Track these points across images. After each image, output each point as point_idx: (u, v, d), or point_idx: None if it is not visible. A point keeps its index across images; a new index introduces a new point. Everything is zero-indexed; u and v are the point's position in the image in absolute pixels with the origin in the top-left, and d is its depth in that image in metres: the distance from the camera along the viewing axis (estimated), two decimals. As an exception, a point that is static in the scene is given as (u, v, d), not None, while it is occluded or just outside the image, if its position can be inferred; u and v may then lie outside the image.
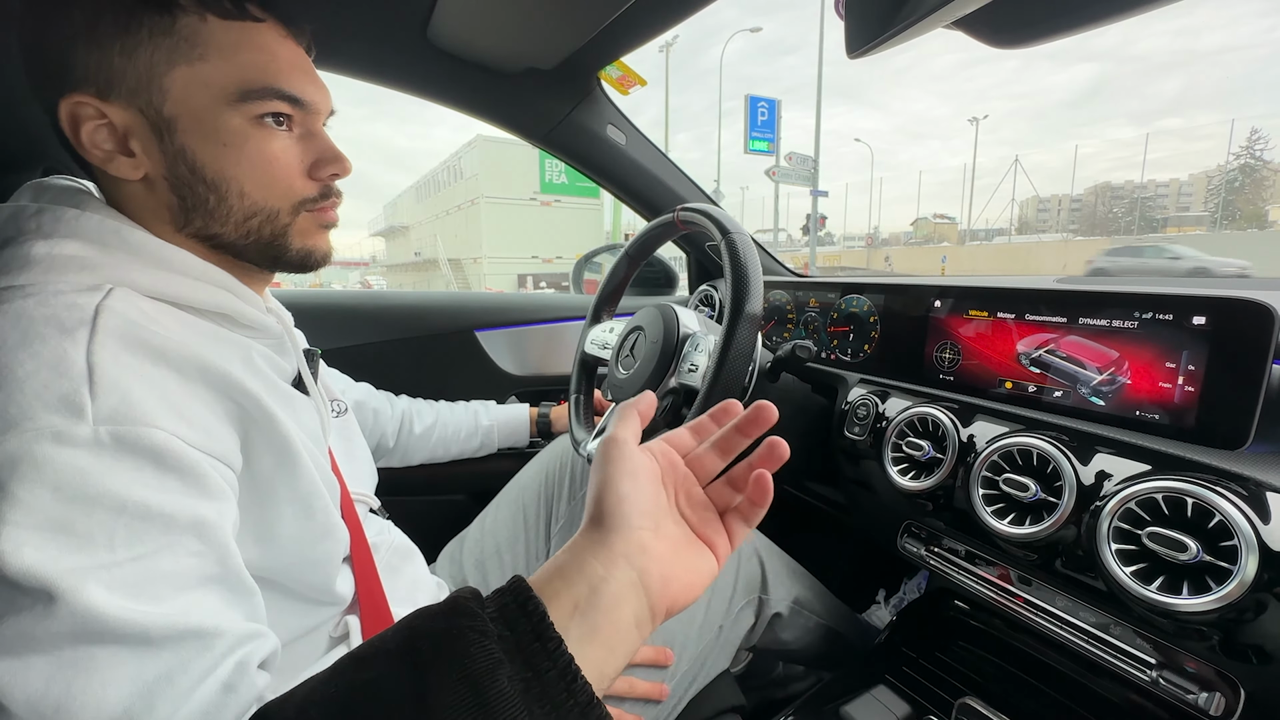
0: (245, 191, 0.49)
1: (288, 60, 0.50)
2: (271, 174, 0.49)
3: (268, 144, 0.49)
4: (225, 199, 0.48)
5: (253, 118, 0.48)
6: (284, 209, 0.51)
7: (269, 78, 0.48)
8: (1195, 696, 0.51)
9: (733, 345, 0.64)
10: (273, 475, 0.48)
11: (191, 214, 0.48)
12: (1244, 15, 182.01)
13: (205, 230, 0.49)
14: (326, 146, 0.53)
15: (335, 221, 0.56)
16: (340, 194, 0.55)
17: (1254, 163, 36.60)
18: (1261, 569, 0.44)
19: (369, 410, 0.94)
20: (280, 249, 0.52)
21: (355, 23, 0.80)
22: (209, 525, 0.40)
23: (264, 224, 0.50)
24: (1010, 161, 38.47)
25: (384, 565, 0.64)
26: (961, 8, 0.50)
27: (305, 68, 0.52)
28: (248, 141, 0.48)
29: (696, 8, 0.77)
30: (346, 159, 0.54)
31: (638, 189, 1.17)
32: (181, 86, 0.45)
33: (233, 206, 0.49)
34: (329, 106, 0.54)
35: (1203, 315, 0.55)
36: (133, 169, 0.47)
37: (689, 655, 0.72)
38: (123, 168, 0.46)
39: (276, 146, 0.49)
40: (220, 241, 0.50)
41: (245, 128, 0.47)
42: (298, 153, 0.51)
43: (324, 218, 0.54)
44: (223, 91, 0.46)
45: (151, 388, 0.40)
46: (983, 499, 0.63)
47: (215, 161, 0.47)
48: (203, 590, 0.38)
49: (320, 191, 0.53)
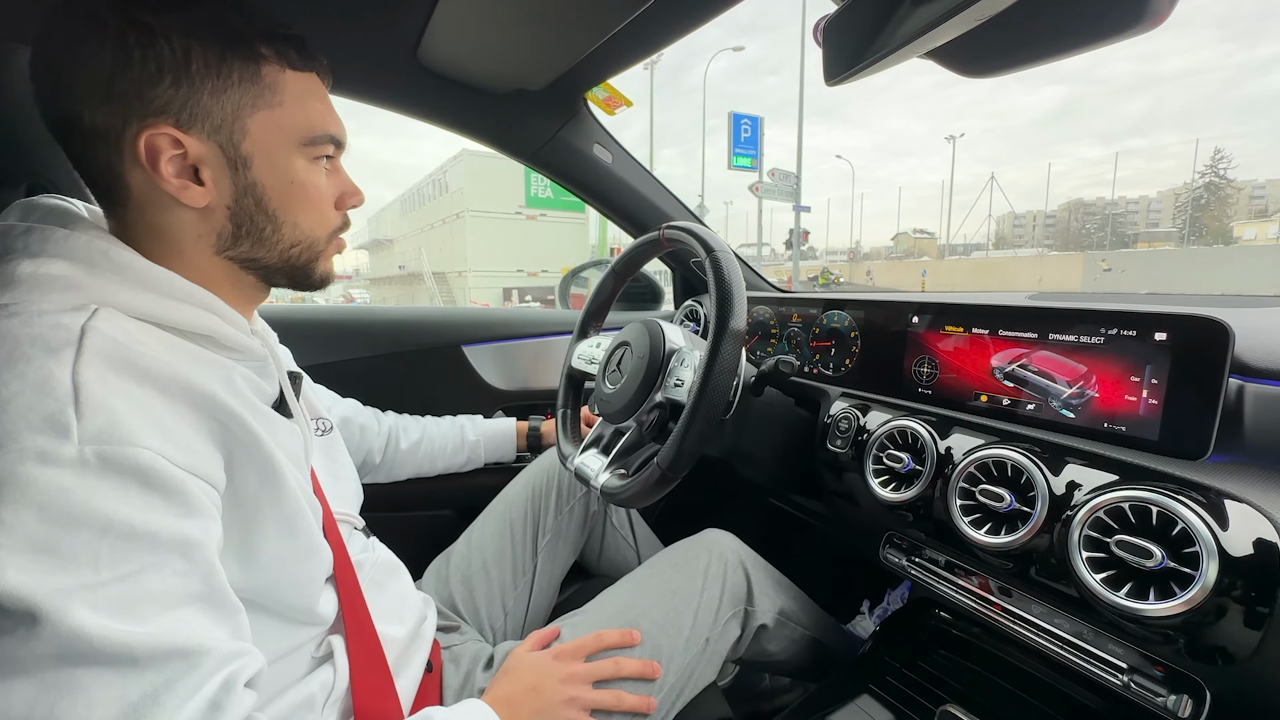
0: (298, 223, 0.53)
1: (331, 106, 0.56)
2: (320, 209, 0.55)
3: (319, 182, 0.54)
4: (280, 229, 0.53)
5: (312, 158, 0.53)
6: (321, 238, 0.56)
7: (328, 125, 0.54)
8: (1164, 699, 0.53)
9: (718, 360, 0.65)
10: (256, 495, 0.48)
11: (241, 240, 0.52)
12: (1203, 42, 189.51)
13: (249, 254, 0.53)
14: (348, 180, 0.58)
15: (344, 247, 0.61)
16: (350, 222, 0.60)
17: (1218, 181, 37.88)
18: (1222, 574, 0.46)
19: (355, 426, 0.94)
20: (309, 271, 0.57)
21: (347, 44, 0.82)
22: (194, 544, 0.40)
23: (303, 251, 0.55)
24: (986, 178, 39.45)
25: (369, 582, 0.64)
26: (933, 41, 0.52)
27: (336, 111, 0.57)
28: (308, 179, 0.53)
29: (682, 33, 0.80)
30: (362, 191, 0.59)
31: (624, 206, 1.19)
32: (261, 128, 0.49)
33: (284, 235, 0.53)
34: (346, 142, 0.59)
35: (1164, 331, 0.57)
36: (201, 197, 0.49)
37: (676, 668, 0.72)
38: (193, 196, 0.48)
39: (321, 183, 0.54)
40: (256, 264, 0.54)
41: (307, 167, 0.53)
42: (330, 188, 0.56)
43: (340, 244, 0.59)
44: (295, 135, 0.51)
45: (137, 407, 0.40)
46: (960, 509, 0.65)
47: (280, 196, 0.52)
48: (188, 609, 0.39)
49: (343, 221, 0.58)
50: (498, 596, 0.87)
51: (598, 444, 0.84)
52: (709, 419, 0.66)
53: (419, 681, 0.65)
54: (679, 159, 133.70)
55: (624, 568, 0.92)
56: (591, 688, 0.67)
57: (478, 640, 0.80)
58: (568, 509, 0.96)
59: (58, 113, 0.46)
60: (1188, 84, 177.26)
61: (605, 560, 1.05)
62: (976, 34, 0.52)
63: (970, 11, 0.46)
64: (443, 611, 0.82)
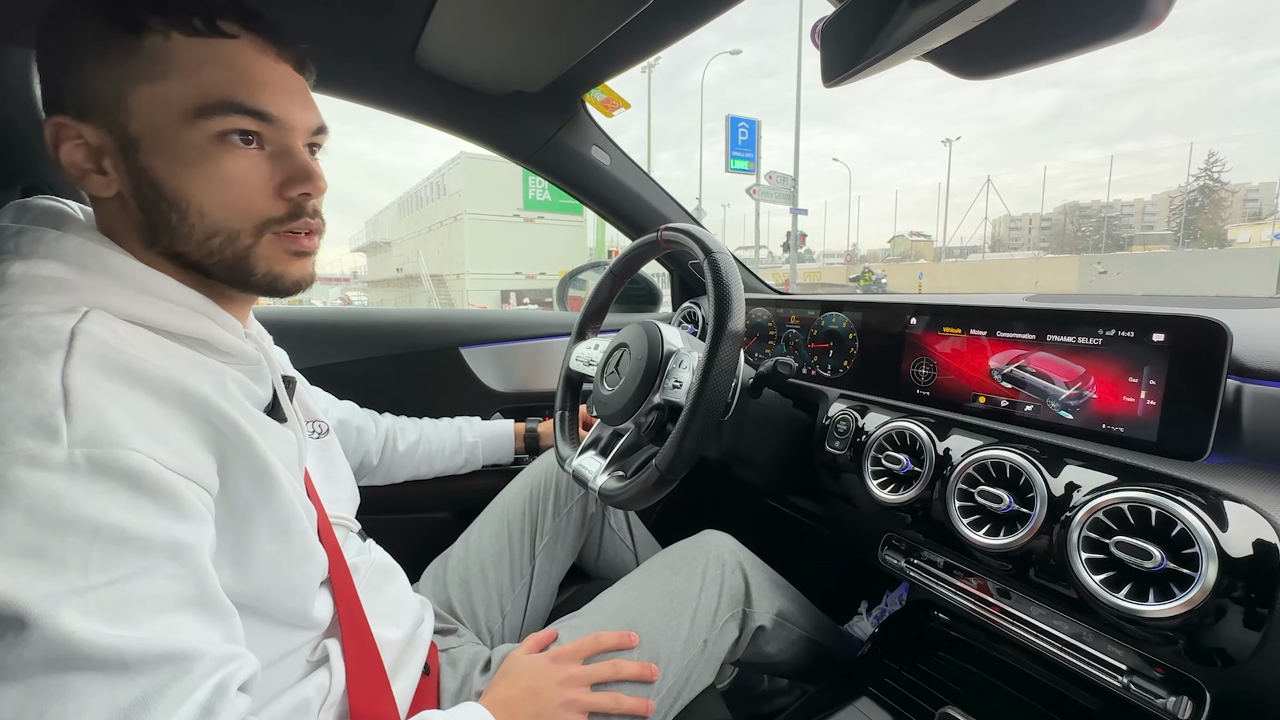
0: (204, 210, 0.47)
1: (256, 74, 0.48)
2: (232, 193, 0.48)
3: (229, 162, 0.47)
4: (186, 217, 0.47)
5: (213, 135, 0.46)
6: (245, 229, 0.49)
7: (229, 91, 0.46)
8: (1164, 701, 0.53)
9: (716, 362, 0.65)
10: (249, 499, 0.48)
11: (158, 232, 0.48)
12: (1196, 47, 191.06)
13: (171, 248, 0.49)
14: (299, 165, 0.50)
15: (308, 248, 0.53)
16: (316, 217, 0.53)
17: (1213, 184, 38.10)
18: (1221, 575, 0.46)
19: (352, 429, 0.94)
20: (245, 271, 0.50)
21: (344, 45, 0.82)
22: (186, 547, 0.39)
23: (225, 244, 0.49)
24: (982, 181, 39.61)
25: (365, 585, 0.64)
26: (930, 42, 0.52)
27: (279, 82, 0.50)
28: (206, 159, 0.47)
29: (678, 35, 0.80)
30: (320, 178, 0.51)
31: (622, 208, 1.19)
32: (144, 105, 0.45)
33: (193, 225, 0.48)
34: (311, 123, 0.52)
35: (1161, 332, 0.57)
36: (105, 187, 0.47)
37: (674, 670, 0.72)
38: (96, 185, 0.47)
39: (240, 165, 0.48)
40: (187, 260, 0.49)
41: (205, 145, 0.46)
42: (265, 171, 0.49)
43: (294, 244, 0.52)
44: (182, 108, 0.46)
45: (127, 410, 0.40)
46: (959, 511, 0.65)
47: (174, 179, 0.46)
48: (180, 613, 0.38)
49: (288, 211, 0.50)
50: (495, 599, 0.87)
51: (596, 446, 0.84)
52: (707, 421, 0.66)
53: (416, 684, 0.65)
54: (676, 162, 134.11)
55: (622, 570, 0.92)
56: (589, 690, 0.67)
57: (475, 643, 0.79)
58: (565, 511, 0.95)
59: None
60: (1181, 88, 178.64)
61: (603, 562, 1.04)
62: (974, 35, 0.52)
63: (968, 13, 0.46)
64: (440, 614, 0.82)
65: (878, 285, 18.51)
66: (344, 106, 0.97)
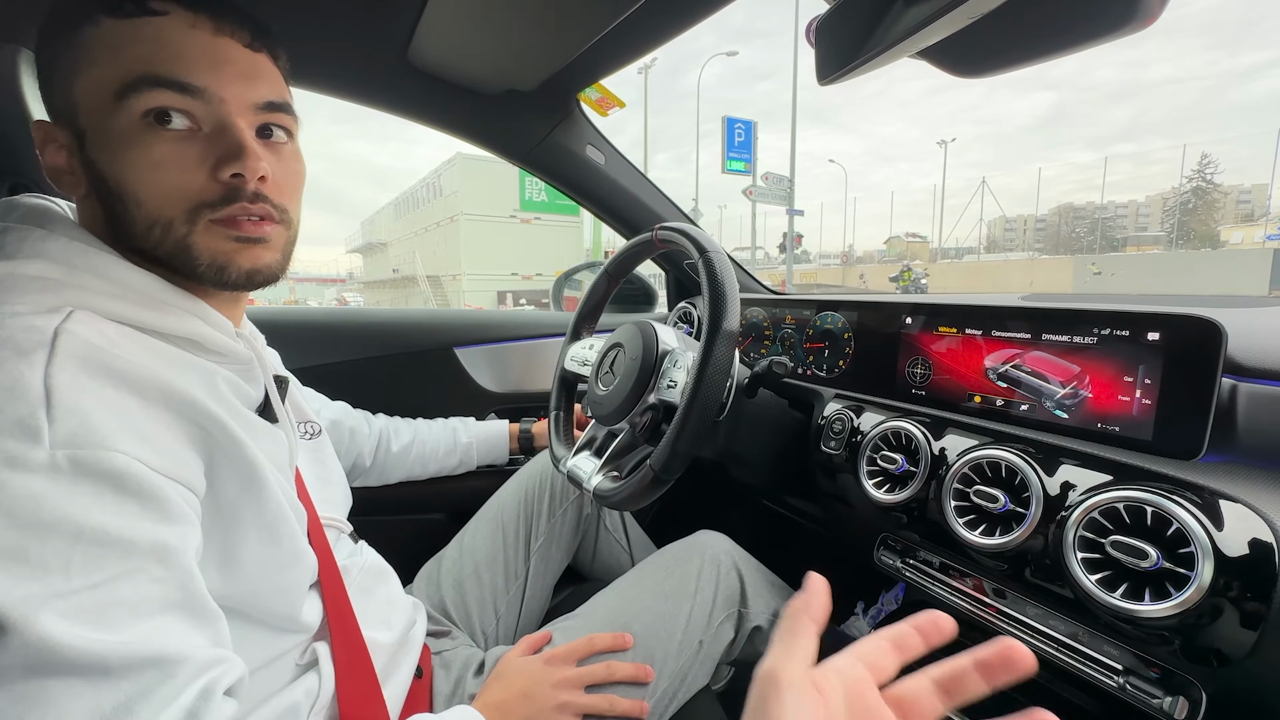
0: (140, 199, 0.45)
1: (181, 47, 0.45)
2: (161, 178, 0.45)
3: (155, 144, 0.44)
4: (129, 209, 0.45)
5: (138, 116, 0.44)
6: (178, 217, 0.46)
7: (149, 66, 0.43)
8: (1160, 701, 0.52)
9: (710, 362, 0.65)
10: (238, 501, 0.47)
11: (115, 226, 0.47)
12: (1189, 49, 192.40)
13: (129, 244, 0.47)
14: (231, 142, 0.46)
15: (253, 235, 0.48)
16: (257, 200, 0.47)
17: (1205, 185, 38.31)
18: (1217, 574, 0.46)
19: (345, 429, 0.93)
20: (188, 262, 0.47)
21: (336, 42, 0.81)
22: (171, 550, 0.39)
23: (164, 235, 0.46)
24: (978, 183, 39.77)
25: (356, 587, 0.63)
26: (924, 40, 0.52)
27: (210, 54, 0.46)
28: (134, 143, 0.44)
29: (672, 34, 0.79)
30: (253, 154, 0.46)
31: (617, 208, 1.19)
32: (81, 95, 0.45)
33: (134, 216, 0.45)
34: (252, 97, 0.48)
35: (1156, 331, 0.57)
36: (74, 186, 0.47)
37: (669, 671, 0.72)
38: (70, 186, 0.47)
39: (167, 146, 0.45)
40: (148, 256, 0.47)
41: (131, 128, 0.44)
42: (196, 152, 0.45)
43: (234, 229, 0.47)
44: (108, 91, 0.43)
45: (112, 411, 0.39)
46: (955, 510, 0.64)
47: (111, 169, 0.45)
48: (165, 616, 0.38)
49: (222, 195, 0.46)
50: (490, 601, 0.86)
51: (590, 446, 0.83)
52: (702, 421, 0.65)
53: (408, 688, 0.64)
54: (673, 163, 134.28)
55: (617, 571, 0.92)
56: (584, 692, 0.66)
57: (469, 645, 0.79)
58: (560, 512, 0.95)
59: None
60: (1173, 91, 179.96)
61: (599, 563, 1.04)
62: (968, 33, 0.52)
63: (961, 11, 0.46)
64: (434, 616, 0.81)
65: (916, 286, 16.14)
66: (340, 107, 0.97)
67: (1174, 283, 17.56)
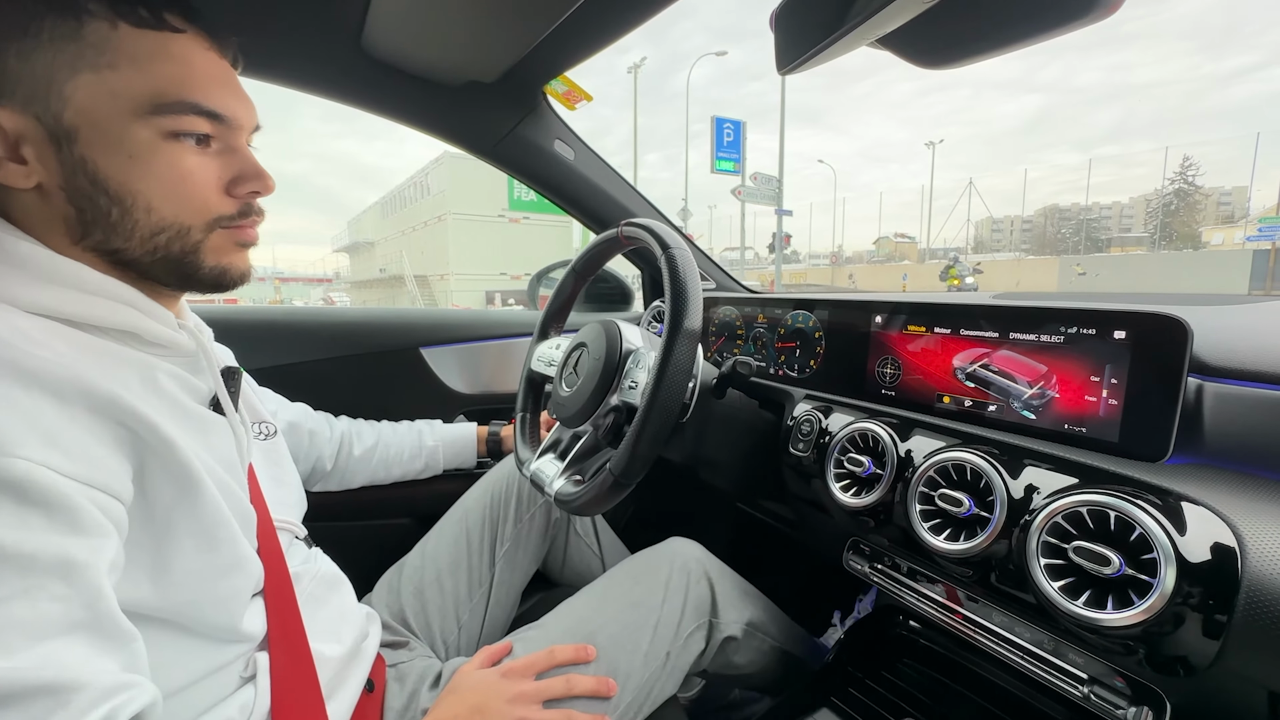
0: (153, 207, 0.46)
1: (207, 73, 0.48)
2: (184, 190, 0.47)
3: (181, 159, 0.46)
4: (130, 213, 0.46)
5: (165, 132, 0.45)
6: (196, 226, 0.48)
7: (185, 91, 0.46)
8: (1124, 711, 0.51)
9: (670, 362, 0.63)
10: (172, 506, 0.45)
11: (91, 227, 0.46)
12: (1172, 54, 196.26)
13: (106, 244, 0.46)
14: (248, 163, 0.50)
15: (254, 240, 0.53)
16: (261, 212, 0.53)
17: (1187, 188, 38.88)
18: (1180, 581, 0.44)
19: (304, 432, 0.90)
20: (191, 267, 0.49)
21: (283, 30, 0.78)
22: (77, 565, 0.36)
23: (173, 240, 0.47)
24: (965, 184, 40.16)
25: (306, 596, 0.61)
26: (882, 26, 0.51)
27: (227, 81, 0.50)
28: (157, 155, 0.45)
29: (634, 23, 0.77)
30: (269, 176, 0.52)
31: (587, 204, 1.17)
32: (85, 95, 0.43)
33: (138, 221, 0.46)
34: (253, 121, 0.52)
35: (1123, 330, 0.56)
36: (24, 177, 0.44)
37: (634, 684, 0.70)
38: (12, 175, 0.43)
39: (191, 162, 0.47)
40: (123, 257, 0.47)
41: (155, 141, 0.45)
42: (216, 169, 0.49)
43: (241, 235, 0.52)
44: (132, 103, 0.44)
45: (17, 413, 0.37)
46: (920, 515, 0.63)
47: (120, 174, 0.45)
48: (65, 638, 0.35)
49: (239, 209, 0.50)
50: (451, 609, 0.84)
51: (555, 448, 0.81)
52: (662, 423, 0.63)
53: (355, 702, 0.61)
54: (663, 163, 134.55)
55: (589, 577, 0.89)
56: (541, 707, 0.64)
57: (427, 656, 0.76)
58: (528, 516, 0.92)
59: None
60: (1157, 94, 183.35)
61: (569, 569, 1.02)
62: (928, 22, 0.50)
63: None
64: (392, 626, 0.78)
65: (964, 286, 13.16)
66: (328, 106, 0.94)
67: (1157, 283, 17.81)
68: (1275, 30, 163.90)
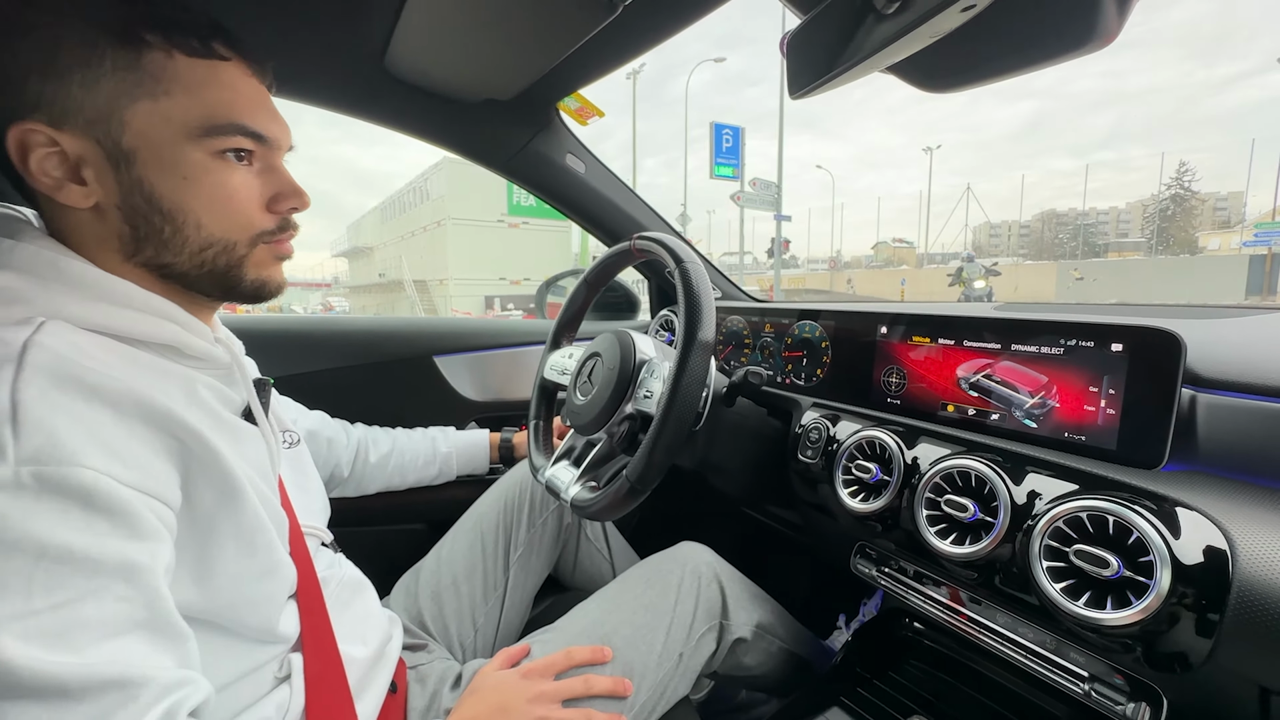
0: (202, 223, 0.49)
1: (251, 97, 0.51)
2: (230, 207, 0.50)
3: (228, 178, 0.49)
4: (181, 230, 0.48)
5: (214, 152, 0.48)
6: (241, 241, 0.51)
7: (233, 114, 0.49)
8: (1123, 707, 0.53)
9: (686, 372, 0.65)
10: (214, 512, 0.47)
11: (143, 243, 0.48)
12: (1164, 60, 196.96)
13: (156, 259, 0.49)
14: (286, 181, 0.54)
15: (290, 253, 0.57)
16: (297, 226, 0.56)
17: (1184, 193, 39.11)
18: (1175, 582, 0.47)
19: (323, 439, 0.92)
20: (235, 279, 0.52)
21: (313, 52, 0.81)
22: (138, 568, 0.39)
23: (219, 255, 0.51)
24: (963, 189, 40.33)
25: (334, 600, 0.63)
26: (893, 56, 0.53)
27: (267, 104, 0.53)
28: (207, 175, 0.48)
29: (650, 45, 0.80)
30: (305, 193, 0.55)
31: (597, 216, 1.19)
32: (143, 120, 0.46)
33: (189, 237, 0.49)
34: (289, 141, 0.55)
35: (1119, 343, 0.58)
36: (83, 197, 0.46)
37: (648, 685, 0.72)
38: (73, 195, 0.46)
39: (236, 180, 0.50)
40: (172, 271, 0.50)
41: (206, 161, 0.48)
42: (257, 186, 0.52)
43: (280, 249, 0.55)
44: (186, 126, 0.47)
45: (82, 425, 0.39)
46: (926, 520, 0.65)
47: (174, 193, 0.47)
48: (129, 637, 0.37)
49: (278, 224, 0.54)
50: (468, 613, 0.86)
51: (569, 455, 0.83)
52: (677, 431, 0.65)
53: (381, 704, 0.63)
54: (662, 168, 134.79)
55: (599, 581, 0.91)
56: (561, 706, 0.66)
57: (446, 659, 0.78)
58: (540, 522, 0.94)
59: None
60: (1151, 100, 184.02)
61: (580, 574, 1.04)
62: (934, 51, 0.53)
63: (925, 29, 0.47)
64: (410, 629, 0.80)
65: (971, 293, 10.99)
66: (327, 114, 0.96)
67: (1154, 288, 17.88)
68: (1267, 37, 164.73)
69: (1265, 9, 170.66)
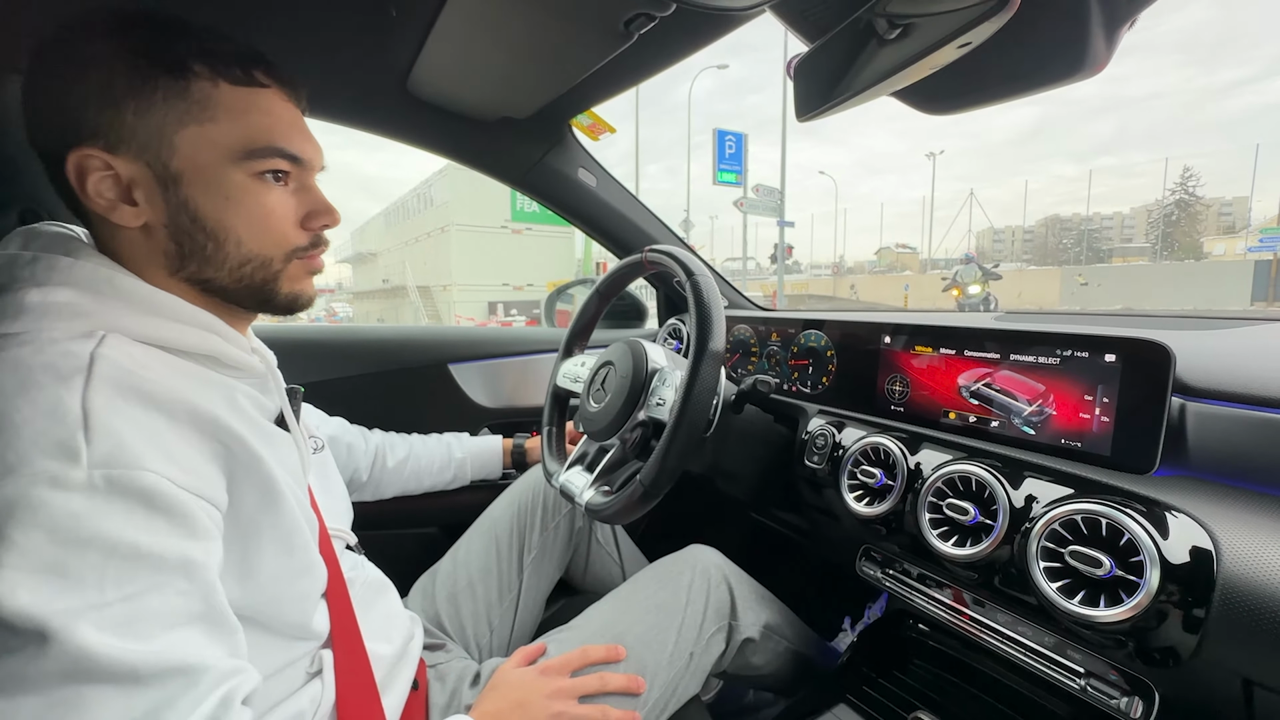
0: (242, 240, 0.52)
1: (288, 121, 0.54)
2: (268, 225, 0.53)
3: (266, 197, 0.52)
4: (223, 247, 0.52)
5: (254, 174, 0.51)
6: (277, 257, 0.54)
7: (272, 138, 0.52)
8: (1117, 701, 0.56)
9: (698, 381, 0.68)
10: (256, 514, 0.50)
11: (187, 260, 0.51)
12: (1166, 66, 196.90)
13: (199, 275, 0.52)
14: (319, 199, 0.57)
15: (321, 268, 0.60)
16: (328, 242, 0.59)
17: (1188, 198, 39.04)
18: (1164, 581, 0.50)
19: (342, 445, 0.95)
20: (270, 293, 0.56)
21: (338, 72, 0.85)
22: (196, 565, 0.41)
23: (257, 270, 0.54)
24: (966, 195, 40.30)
25: (358, 600, 0.65)
26: (896, 84, 0.56)
27: (302, 128, 0.56)
28: (248, 195, 0.51)
29: (664, 66, 0.83)
30: (336, 211, 0.58)
31: (608, 228, 1.23)
32: (190, 144, 0.49)
33: (229, 254, 0.52)
34: (321, 162, 0.58)
35: (1113, 353, 0.61)
36: (134, 217, 0.49)
37: (660, 682, 0.74)
38: (125, 215, 0.49)
39: (274, 200, 0.53)
40: (213, 285, 0.53)
41: (246, 182, 0.51)
42: (293, 205, 0.55)
43: (312, 264, 0.58)
44: (229, 150, 0.50)
45: (143, 432, 0.42)
46: (929, 523, 0.68)
47: (217, 212, 0.51)
48: (189, 628, 0.40)
49: (311, 240, 0.57)
50: (484, 613, 0.88)
51: (582, 461, 0.86)
52: (690, 437, 0.68)
53: (405, 700, 0.66)
54: (664, 174, 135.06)
55: (609, 584, 0.94)
56: (577, 703, 0.68)
57: (464, 658, 0.80)
58: (553, 526, 0.97)
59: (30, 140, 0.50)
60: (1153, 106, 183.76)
61: (590, 576, 1.06)
62: (934, 77, 0.56)
63: (925, 62, 0.50)
64: (429, 629, 0.83)
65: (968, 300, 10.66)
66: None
67: (1159, 293, 17.81)
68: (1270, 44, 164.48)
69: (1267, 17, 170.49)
